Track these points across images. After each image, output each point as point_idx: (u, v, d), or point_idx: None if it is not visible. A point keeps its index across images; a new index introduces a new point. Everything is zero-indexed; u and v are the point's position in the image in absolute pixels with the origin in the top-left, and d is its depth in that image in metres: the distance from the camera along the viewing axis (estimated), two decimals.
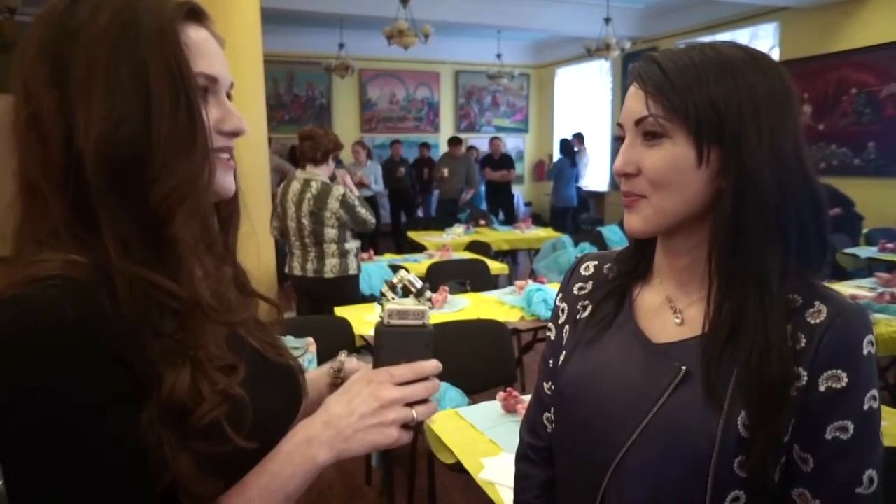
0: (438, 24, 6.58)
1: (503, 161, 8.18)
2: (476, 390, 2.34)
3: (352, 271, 3.25)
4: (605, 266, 0.83)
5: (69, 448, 0.49)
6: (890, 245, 4.48)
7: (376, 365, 0.64)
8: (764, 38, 7.18)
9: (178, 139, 0.55)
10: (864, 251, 4.59)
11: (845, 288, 3.23)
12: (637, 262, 0.78)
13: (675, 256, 0.73)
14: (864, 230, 5.24)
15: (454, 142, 7.86)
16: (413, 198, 8.32)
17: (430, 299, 0.70)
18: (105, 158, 0.53)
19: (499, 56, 9.00)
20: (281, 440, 0.61)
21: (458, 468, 1.57)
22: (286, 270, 3.33)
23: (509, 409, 1.74)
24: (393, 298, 0.65)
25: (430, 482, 2.14)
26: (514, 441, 1.60)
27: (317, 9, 6.75)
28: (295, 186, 3.17)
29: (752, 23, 7.17)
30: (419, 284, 0.66)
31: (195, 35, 0.59)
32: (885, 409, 1.79)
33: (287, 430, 0.63)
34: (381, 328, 0.64)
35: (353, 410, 0.60)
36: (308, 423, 0.61)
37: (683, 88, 0.64)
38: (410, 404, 0.62)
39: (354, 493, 2.67)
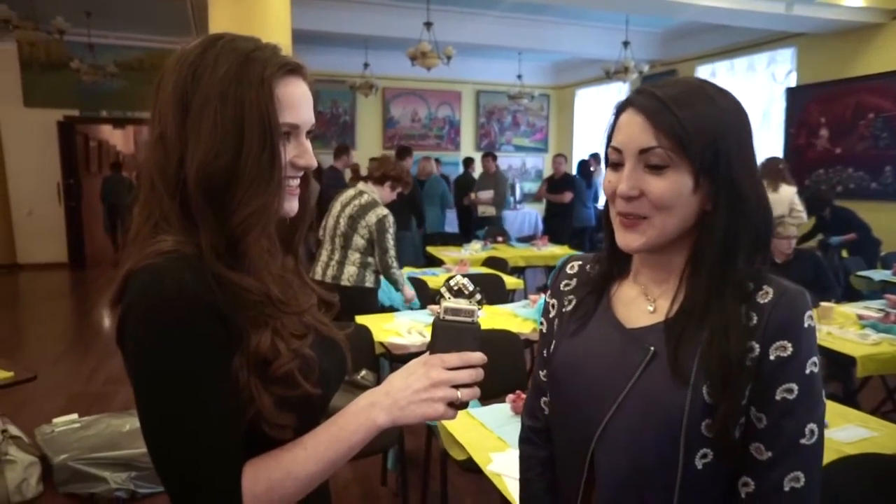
0: (460, 46, 6.75)
1: (563, 181, 7.36)
2: (489, 397, 2.43)
3: (368, 284, 3.34)
4: (588, 265, 0.94)
5: (188, 378, 0.66)
6: None
7: (431, 352, 0.77)
8: (782, 63, 7.24)
9: (259, 175, 0.70)
10: (878, 274, 4.62)
11: (854, 309, 3.28)
12: (614, 264, 0.90)
13: (653, 265, 0.84)
14: (882, 254, 5.25)
15: (488, 156, 7.59)
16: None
17: (480, 301, 0.82)
18: (203, 181, 0.69)
19: (519, 77, 9.17)
20: (334, 394, 0.77)
21: (469, 464, 1.69)
22: (309, 274, 3.45)
23: (518, 411, 1.85)
24: (449, 298, 0.78)
25: (442, 485, 2.25)
26: None
27: (344, 30, 6.99)
28: (350, 192, 3.42)
29: (770, 48, 7.24)
30: (471, 287, 0.80)
31: (289, 87, 0.75)
32: (886, 424, 1.88)
33: (338, 386, 0.80)
34: (437, 322, 0.76)
35: (409, 385, 0.74)
36: (372, 392, 0.76)
37: (687, 124, 0.74)
38: (457, 387, 0.75)
39: (370, 493, 2.77)
